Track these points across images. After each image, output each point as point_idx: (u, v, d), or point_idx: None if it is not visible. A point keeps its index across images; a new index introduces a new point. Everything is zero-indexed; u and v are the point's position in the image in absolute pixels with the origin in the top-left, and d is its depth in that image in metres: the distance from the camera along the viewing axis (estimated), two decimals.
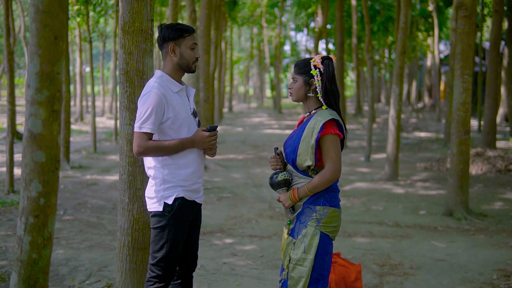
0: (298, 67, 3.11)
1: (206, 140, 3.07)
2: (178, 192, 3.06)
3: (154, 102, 2.98)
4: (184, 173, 3.08)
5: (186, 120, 3.08)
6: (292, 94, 3.14)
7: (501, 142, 15.86)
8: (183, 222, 3.11)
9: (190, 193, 3.11)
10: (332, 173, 2.94)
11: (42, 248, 2.01)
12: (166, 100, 3.01)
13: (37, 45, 1.94)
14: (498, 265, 5.18)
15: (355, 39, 17.15)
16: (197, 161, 3.13)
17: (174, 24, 3.14)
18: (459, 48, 7.13)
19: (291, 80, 3.25)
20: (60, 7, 1.96)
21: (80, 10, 13.07)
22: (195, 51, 3.12)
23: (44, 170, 2.00)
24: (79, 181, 9.49)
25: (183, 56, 3.09)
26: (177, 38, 3.08)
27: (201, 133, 3.07)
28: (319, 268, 2.98)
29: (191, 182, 3.10)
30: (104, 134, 18.11)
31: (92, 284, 4.53)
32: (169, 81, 3.10)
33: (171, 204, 3.04)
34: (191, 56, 3.10)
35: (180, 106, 3.07)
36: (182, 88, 3.15)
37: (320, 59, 3.06)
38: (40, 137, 1.98)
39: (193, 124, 3.13)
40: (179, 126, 3.06)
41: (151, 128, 2.98)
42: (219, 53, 19.83)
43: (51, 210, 2.03)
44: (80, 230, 6.29)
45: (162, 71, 3.14)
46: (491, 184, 9.86)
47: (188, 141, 3.05)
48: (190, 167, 3.09)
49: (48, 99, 1.98)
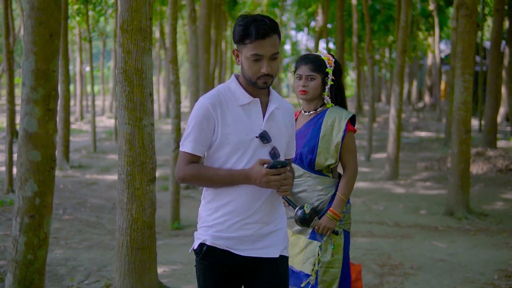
0: (314, 64, 2.96)
1: (263, 180, 2.22)
2: (206, 237, 2.36)
3: (199, 114, 2.30)
4: (221, 212, 2.35)
5: (243, 145, 2.30)
6: (306, 92, 2.96)
7: (502, 141, 15.82)
8: (213, 273, 2.39)
9: (224, 240, 2.33)
10: (355, 172, 2.99)
11: (38, 248, 1.99)
12: (218, 114, 2.28)
13: (32, 43, 1.91)
14: (499, 265, 5.15)
15: (356, 39, 17.11)
16: (244, 198, 2.33)
17: (245, 19, 2.30)
18: (460, 47, 7.09)
19: (310, 78, 2.98)
20: (56, 4, 1.94)
21: (79, 9, 13.04)
22: (262, 64, 2.26)
23: (40, 170, 1.97)
24: (78, 180, 9.47)
25: (243, 66, 2.32)
26: (238, 42, 2.31)
27: (258, 168, 2.24)
28: (346, 265, 2.96)
29: (226, 225, 2.34)
30: (104, 134, 18.08)
31: (91, 284, 4.50)
32: (236, 89, 2.35)
33: (197, 248, 2.39)
34: (253, 70, 2.27)
35: (238, 125, 2.29)
36: (253, 102, 2.34)
37: (332, 57, 3.03)
38: (36, 136, 1.95)
39: (257, 152, 2.32)
40: (231, 152, 2.31)
41: (192, 148, 2.30)
42: (220, 52, 19.79)
43: (47, 210, 2.01)
44: (79, 229, 6.26)
45: (239, 74, 2.42)
46: (492, 184, 9.83)
47: (241, 175, 2.28)
48: (230, 206, 2.34)
49: (43, 98, 1.95)
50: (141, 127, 3.81)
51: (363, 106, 32.22)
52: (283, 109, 2.43)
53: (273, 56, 2.26)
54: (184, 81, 39.67)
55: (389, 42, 24.53)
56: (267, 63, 2.25)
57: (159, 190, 8.75)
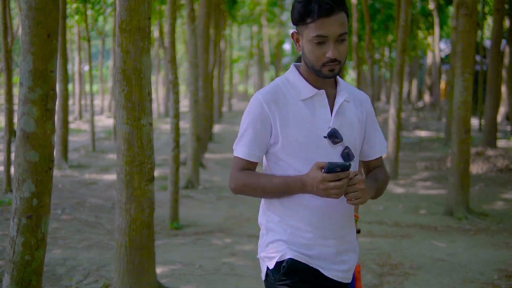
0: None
1: (320, 187, 1.82)
2: (284, 251, 1.97)
3: (252, 113, 1.96)
4: (291, 226, 1.98)
5: (308, 148, 1.93)
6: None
7: (502, 141, 15.82)
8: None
9: (305, 257, 1.97)
10: None
11: (35, 249, 1.98)
12: (275, 112, 1.94)
13: (30, 43, 1.90)
14: (499, 265, 5.14)
15: (355, 38, 17.08)
16: (313, 209, 1.96)
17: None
18: (460, 46, 7.08)
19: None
20: (54, 4, 1.93)
21: (78, 8, 13.02)
22: (327, 47, 1.88)
23: (37, 170, 1.96)
24: (77, 180, 9.45)
25: (304, 51, 1.94)
26: (297, 23, 1.93)
27: (314, 174, 1.84)
28: None
29: (300, 241, 1.98)
30: (103, 133, 18.07)
31: (90, 284, 4.49)
32: (297, 81, 1.99)
33: (274, 268, 2.00)
34: (316, 55, 1.89)
35: (301, 123, 1.94)
36: (318, 95, 1.97)
37: None
38: (33, 137, 1.94)
39: (326, 155, 1.94)
40: (294, 156, 1.95)
41: (245, 153, 1.97)
42: (219, 51, 19.78)
43: (44, 211, 1.99)
44: (78, 229, 6.25)
45: (299, 64, 2.06)
46: (492, 184, 9.82)
47: (297, 183, 1.89)
48: (299, 218, 1.97)
49: (41, 98, 1.94)
50: (139, 127, 3.80)
51: None
52: (355, 100, 2.06)
53: (341, 38, 1.88)
54: (183, 80, 39.67)
55: (388, 41, 24.53)
56: (334, 45, 1.87)
57: (158, 190, 8.73)
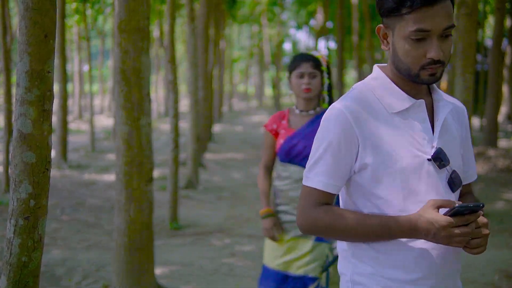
0: (315, 62, 2.91)
1: (442, 234, 1.40)
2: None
3: (332, 131, 1.52)
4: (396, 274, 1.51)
5: (406, 174, 1.49)
6: (311, 90, 2.89)
7: (503, 141, 15.81)
8: None
9: None
10: None
11: (32, 250, 1.96)
12: (364, 129, 1.51)
13: (26, 43, 1.89)
14: (500, 265, 5.13)
15: (356, 38, 17.09)
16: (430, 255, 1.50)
17: None
18: (460, 46, 7.06)
19: (312, 76, 2.91)
20: (51, 4, 1.91)
21: (77, 8, 13.01)
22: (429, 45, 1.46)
23: (35, 171, 1.95)
24: (77, 180, 9.44)
25: (396, 51, 1.51)
26: (388, 14, 1.50)
27: (432, 216, 1.41)
28: None
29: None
30: (103, 133, 18.06)
31: (89, 285, 4.48)
32: (386, 88, 1.56)
33: None
34: (414, 56, 1.47)
35: (397, 143, 1.50)
36: (415, 106, 1.53)
37: (325, 56, 3.02)
38: (30, 138, 1.93)
39: (429, 183, 1.51)
40: (387, 187, 1.50)
41: (322, 183, 1.53)
42: (219, 51, 19.78)
43: (41, 212, 1.98)
44: (77, 230, 6.24)
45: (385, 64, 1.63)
46: (493, 184, 9.80)
47: (404, 227, 1.45)
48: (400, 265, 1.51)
49: (38, 99, 1.92)
50: (138, 127, 3.80)
51: None
52: (455, 112, 1.63)
53: (446, 32, 1.47)
54: (184, 80, 39.65)
55: None
56: (437, 43, 1.45)
57: (158, 190, 8.72)
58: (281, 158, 2.94)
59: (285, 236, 2.89)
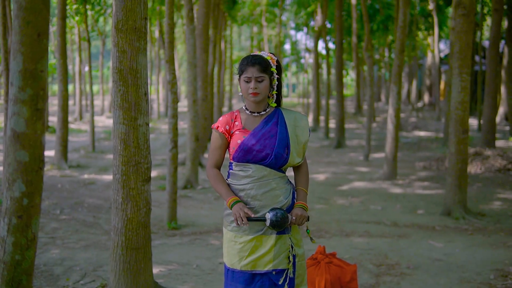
0: (261, 65, 2.93)
1: None
2: None
3: None
4: None
5: None
6: (258, 94, 2.93)
7: (501, 141, 15.81)
8: None
9: None
10: (307, 167, 3.15)
11: (26, 249, 1.98)
12: None
13: (19, 43, 1.90)
14: (496, 265, 5.14)
15: (355, 38, 17.10)
16: None
17: None
18: (457, 46, 7.08)
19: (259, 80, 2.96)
20: (44, 3, 1.93)
21: (78, 9, 13.03)
22: None
23: (28, 170, 1.96)
24: (76, 180, 9.46)
25: None
26: None
27: None
28: None
29: None
30: (103, 133, 18.07)
31: (87, 284, 4.49)
32: None
33: None
34: None
35: None
36: None
37: (273, 56, 3.04)
38: (23, 136, 1.94)
39: None
40: None
41: None
42: (219, 52, 19.78)
43: (34, 211, 2.00)
44: (76, 229, 6.25)
45: None
46: (490, 184, 9.81)
47: None
48: None
49: (31, 98, 1.94)
50: (136, 127, 3.80)
51: (362, 105, 32.19)
52: None
53: None
54: (184, 80, 39.64)
55: (388, 41, 24.51)
56: None
57: (156, 190, 8.74)
58: (238, 159, 3.00)
59: (249, 235, 2.92)
